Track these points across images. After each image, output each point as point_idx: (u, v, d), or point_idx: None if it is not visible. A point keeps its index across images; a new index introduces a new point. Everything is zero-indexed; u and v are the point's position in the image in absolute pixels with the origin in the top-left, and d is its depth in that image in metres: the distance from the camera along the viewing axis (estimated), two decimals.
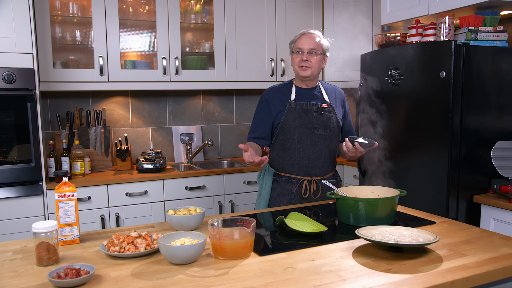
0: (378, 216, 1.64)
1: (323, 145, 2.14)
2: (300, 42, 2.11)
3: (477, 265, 1.26)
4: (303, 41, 2.11)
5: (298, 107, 2.11)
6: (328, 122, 2.13)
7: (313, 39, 2.10)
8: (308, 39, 2.10)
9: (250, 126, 2.22)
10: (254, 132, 2.18)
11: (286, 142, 2.12)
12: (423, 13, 2.69)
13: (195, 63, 3.35)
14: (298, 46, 2.11)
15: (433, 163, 2.43)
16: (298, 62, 2.11)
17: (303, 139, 2.11)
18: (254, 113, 2.23)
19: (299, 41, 2.12)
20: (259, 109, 2.20)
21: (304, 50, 2.09)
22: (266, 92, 2.21)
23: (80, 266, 1.21)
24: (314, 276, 1.20)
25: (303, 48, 2.09)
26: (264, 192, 2.18)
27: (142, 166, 3.05)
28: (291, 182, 2.14)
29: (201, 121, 3.73)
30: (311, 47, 2.09)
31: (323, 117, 2.12)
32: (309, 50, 2.09)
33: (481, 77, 2.38)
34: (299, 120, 2.10)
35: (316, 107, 2.12)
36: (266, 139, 2.18)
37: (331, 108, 2.16)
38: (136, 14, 3.28)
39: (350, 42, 3.66)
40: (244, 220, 1.43)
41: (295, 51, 2.13)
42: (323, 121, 2.12)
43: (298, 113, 2.11)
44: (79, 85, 2.99)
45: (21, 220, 2.63)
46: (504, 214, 2.22)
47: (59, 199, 1.49)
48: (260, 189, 2.22)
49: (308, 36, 2.11)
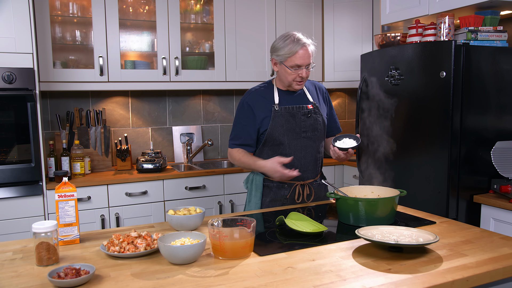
0: (378, 216, 1.64)
1: (312, 148, 2.08)
2: (299, 58, 1.94)
3: (477, 265, 1.26)
4: (302, 56, 1.94)
5: (284, 111, 2.02)
6: (315, 124, 2.06)
7: (308, 51, 1.96)
8: (307, 54, 1.95)
9: (232, 132, 2.10)
10: (238, 138, 2.07)
11: (277, 148, 2.04)
12: (423, 13, 2.69)
13: (195, 63, 3.35)
14: (297, 63, 1.94)
15: (433, 163, 2.43)
16: (294, 77, 1.98)
17: (293, 144, 2.04)
18: (235, 118, 2.10)
19: (297, 56, 1.94)
20: (241, 115, 2.07)
21: (303, 67, 1.96)
22: (247, 96, 2.08)
23: (80, 266, 1.21)
24: (314, 276, 1.20)
25: (303, 65, 1.95)
26: (255, 198, 2.09)
27: (142, 166, 3.05)
28: (283, 187, 2.07)
29: (201, 121, 3.73)
30: (309, 62, 1.97)
31: (310, 119, 2.05)
32: (307, 66, 1.97)
33: (481, 77, 2.38)
34: (287, 125, 2.02)
35: (302, 110, 2.05)
36: (251, 146, 2.08)
37: (316, 108, 2.08)
38: (136, 14, 3.28)
39: (350, 42, 3.66)
40: (244, 220, 1.43)
41: (292, 67, 1.96)
42: (310, 123, 2.05)
43: (285, 118, 2.02)
44: (79, 85, 2.99)
45: (21, 220, 2.63)
46: (504, 214, 2.22)
47: (59, 199, 1.49)
48: (249, 196, 2.13)
49: (306, 50, 1.95)
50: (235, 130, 2.09)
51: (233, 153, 2.09)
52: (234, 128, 2.10)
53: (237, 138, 2.08)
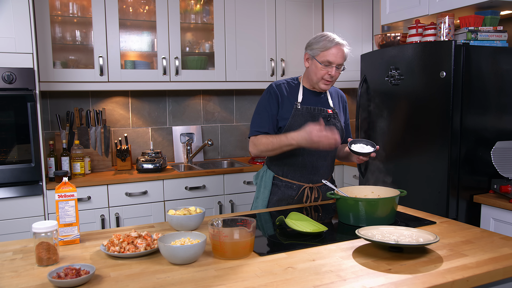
0: (378, 216, 1.64)
1: (327, 153, 2.06)
2: (332, 54, 1.92)
3: (477, 265, 1.26)
4: (335, 53, 1.92)
5: (305, 111, 2.01)
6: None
7: (343, 52, 1.94)
8: (341, 53, 1.94)
9: (255, 119, 2.03)
10: (263, 127, 2.00)
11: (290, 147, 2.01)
12: (423, 13, 2.69)
13: (195, 63, 3.35)
14: (329, 59, 1.92)
15: (433, 163, 2.43)
16: (323, 74, 1.95)
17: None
18: (259, 105, 2.04)
19: (330, 52, 1.92)
20: (268, 103, 2.01)
21: (334, 65, 1.93)
22: (275, 86, 2.04)
23: (80, 266, 1.21)
24: (314, 276, 1.20)
25: (334, 62, 1.93)
26: (263, 195, 2.09)
27: (142, 166, 3.05)
28: (292, 188, 2.06)
29: (201, 121, 3.73)
30: (341, 61, 1.94)
31: (329, 123, 2.04)
32: (338, 65, 1.95)
33: (481, 77, 2.37)
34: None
35: (323, 113, 2.04)
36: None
37: (335, 114, 2.09)
38: (136, 14, 3.28)
39: (350, 42, 3.64)
40: (244, 220, 1.43)
41: (323, 62, 1.93)
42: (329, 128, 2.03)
43: (305, 118, 2.00)
44: (79, 85, 2.99)
45: (21, 220, 2.63)
46: (504, 214, 2.22)
47: (59, 199, 1.49)
48: (257, 192, 2.13)
49: (340, 49, 1.94)
50: (261, 117, 2.02)
51: (259, 138, 1.98)
52: (258, 116, 2.03)
53: (262, 127, 2.00)
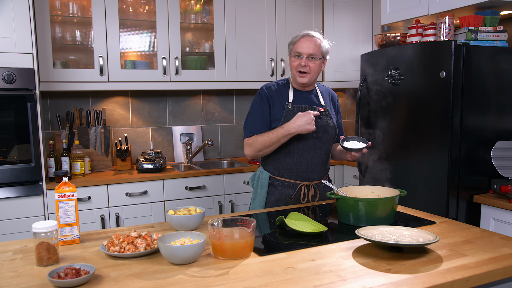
0: (378, 216, 1.64)
1: (321, 150, 2.09)
2: (300, 45, 2.02)
3: (477, 265, 1.26)
4: (303, 44, 2.01)
5: (297, 110, 2.04)
6: (326, 126, 2.08)
7: (313, 42, 2.01)
8: (308, 43, 2.01)
9: (249, 121, 2.09)
10: (255, 129, 2.06)
11: (285, 147, 2.04)
12: (423, 13, 2.69)
13: (195, 63, 3.35)
14: (297, 50, 2.02)
15: (433, 163, 2.43)
16: (296, 66, 2.03)
17: (302, 144, 2.05)
18: (252, 108, 2.11)
19: (298, 44, 2.03)
20: (259, 106, 2.08)
21: (303, 55, 2.01)
22: (265, 89, 2.12)
23: (80, 266, 1.21)
24: (314, 276, 1.20)
25: (302, 53, 2.01)
26: (260, 196, 2.10)
27: (142, 166, 3.05)
28: (289, 187, 2.08)
29: (201, 121, 3.73)
30: (311, 52, 2.00)
31: (321, 121, 2.07)
32: (308, 55, 2.00)
33: (481, 77, 2.38)
34: None
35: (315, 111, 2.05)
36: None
37: (327, 112, 2.12)
38: (136, 14, 3.28)
39: (350, 42, 3.66)
40: (244, 220, 1.43)
41: (294, 54, 2.04)
42: (322, 125, 2.07)
43: None
44: (79, 85, 2.99)
45: (21, 220, 2.63)
46: (504, 214, 2.22)
47: (59, 199, 1.49)
48: (254, 193, 2.15)
49: (308, 40, 2.02)
50: (252, 119, 2.08)
51: (253, 138, 2.03)
52: (251, 118, 2.09)
53: (254, 129, 2.06)
